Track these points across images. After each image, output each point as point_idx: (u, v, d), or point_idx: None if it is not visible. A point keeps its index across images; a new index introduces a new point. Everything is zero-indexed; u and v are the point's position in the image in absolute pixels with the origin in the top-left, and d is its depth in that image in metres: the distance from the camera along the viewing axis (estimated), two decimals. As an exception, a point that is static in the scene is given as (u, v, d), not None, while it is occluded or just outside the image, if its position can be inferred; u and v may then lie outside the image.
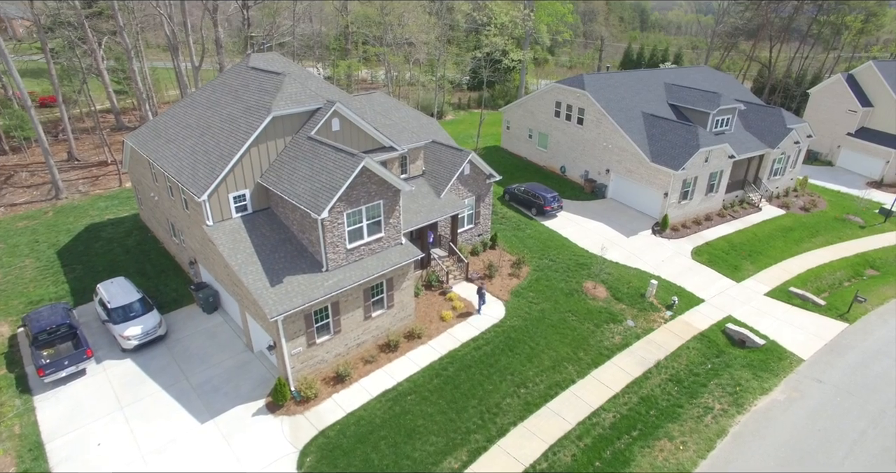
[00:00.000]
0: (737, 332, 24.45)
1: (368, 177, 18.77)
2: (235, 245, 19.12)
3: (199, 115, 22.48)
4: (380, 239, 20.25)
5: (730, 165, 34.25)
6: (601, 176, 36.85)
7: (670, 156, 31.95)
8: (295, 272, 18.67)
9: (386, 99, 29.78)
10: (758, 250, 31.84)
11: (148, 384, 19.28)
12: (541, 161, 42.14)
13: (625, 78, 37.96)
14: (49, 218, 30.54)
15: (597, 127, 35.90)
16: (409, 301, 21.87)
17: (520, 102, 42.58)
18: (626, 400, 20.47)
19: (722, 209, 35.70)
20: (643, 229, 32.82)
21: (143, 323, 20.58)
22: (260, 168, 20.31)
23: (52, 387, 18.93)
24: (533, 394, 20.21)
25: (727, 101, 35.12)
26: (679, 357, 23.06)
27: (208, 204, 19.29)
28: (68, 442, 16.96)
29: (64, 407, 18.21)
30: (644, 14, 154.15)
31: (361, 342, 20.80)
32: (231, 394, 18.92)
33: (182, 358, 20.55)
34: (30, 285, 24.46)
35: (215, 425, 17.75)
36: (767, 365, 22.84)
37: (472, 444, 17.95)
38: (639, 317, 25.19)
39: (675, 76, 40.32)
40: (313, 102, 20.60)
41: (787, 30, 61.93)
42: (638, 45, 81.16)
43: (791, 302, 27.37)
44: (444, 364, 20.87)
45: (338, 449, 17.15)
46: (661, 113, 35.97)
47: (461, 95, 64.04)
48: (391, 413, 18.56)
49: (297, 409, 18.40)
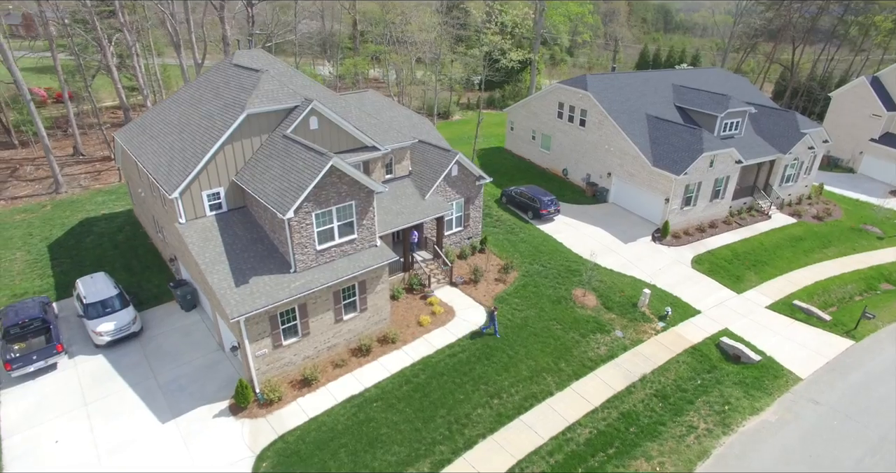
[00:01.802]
0: (731, 347, 23.28)
1: (339, 178, 18.32)
2: (205, 243, 18.89)
3: (182, 112, 22.38)
4: (352, 240, 19.79)
5: (737, 171, 32.85)
6: (603, 179, 35.79)
7: (672, 160, 30.77)
8: (263, 272, 18.34)
9: (378, 98, 29.40)
10: (763, 260, 30.42)
11: (116, 381, 19.20)
12: (543, 163, 41.21)
13: (630, 79, 36.80)
14: (47, 211, 30.99)
15: (599, 129, 34.87)
16: (383, 304, 21.36)
17: (523, 103, 41.74)
18: (604, 415, 19.58)
19: (728, 216, 34.27)
20: (643, 235, 31.69)
21: (117, 320, 20.53)
22: (235, 166, 20.06)
23: (20, 382, 18.97)
24: (506, 406, 19.48)
25: (736, 104, 33.72)
26: (667, 371, 22.03)
27: (180, 201, 19.10)
28: (26, 439, 16.91)
29: (28, 403, 18.21)
30: (668, 15, 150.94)
31: (332, 345, 20.37)
32: (196, 394, 18.69)
33: (154, 355, 20.43)
34: (17, 278, 24.74)
35: (176, 426, 17.53)
36: (761, 382, 21.64)
37: (436, 456, 17.33)
38: (628, 328, 24.20)
39: (684, 78, 38.98)
40: (290, 100, 20.25)
41: (812, 30, 59.57)
42: (655, 46, 79.31)
43: (794, 317, 26.01)
44: (415, 370, 20.29)
45: (295, 455, 16.73)
46: (668, 115, 34.74)
47: (471, 95, 63.41)
48: (355, 420, 18.07)
49: (259, 412, 18.06)
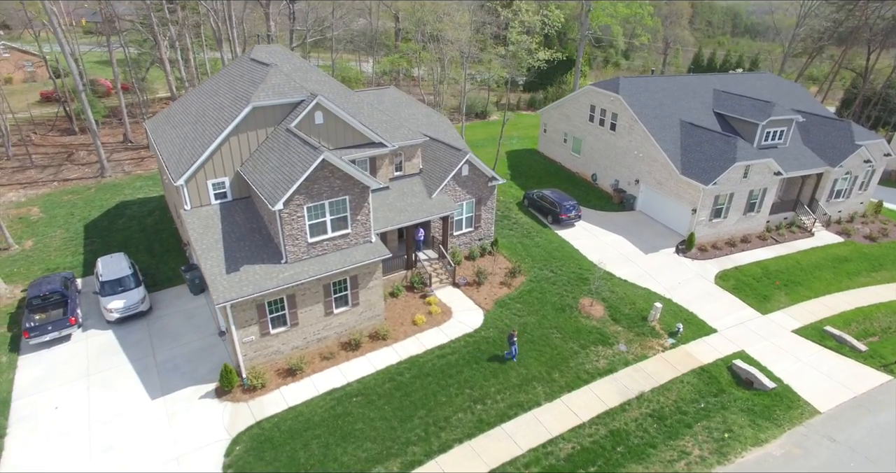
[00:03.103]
0: (744, 370, 21.72)
1: (331, 172, 18.50)
2: (205, 230, 19.61)
3: (201, 103, 23.34)
4: (346, 235, 19.95)
5: (776, 183, 30.63)
6: (631, 186, 34.37)
7: (702, 169, 29.09)
8: (255, 261, 18.82)
9: (398, 95, 29.54)
10: (797, 280, 28.21)
11: (119, 356, 20.29)
12: (574, 167, 40.09)
13: (667, 83, 35.11)
14: (90, 194, 33.23)
15: (629, 133, 33.50)
16: (377, 300, 21.42)
17: (557, 104, 40.76)
18: (591, 432, 18.76)
19: (765, 231, 32.04)
20: (666, 246, 30.17)
21: (127, 298, 21.69)
22: (240, 157, 20.69)
23: (37, 349, 20.42)
24: (489, 412, 19.04)
25: (781, 112, 31.43)
26: (668, 391, 20.84)
27: (186, 189, 19.93)
28: (31, 403, 18.18)
29: (40, 369, 19.58)
30: (737, 18, 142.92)
31: (323, 337, 20.64)
32: (188, 375, 19.44)
33: (157, 334, 21.44)
34: (53, 254, 26.66)
35: (164, 403, 18.30)
36: (771, 412, 20.06)
37: (407, 456, 17.18)
38: (634, 342, 23.09)
39: (727, 82, 36.77)
40: (296, 95, 20.66)
41: (892, 33, 54.51)
42: (710, 50, 75.39)
43: (823, 344, 23.96)
44: (401, 369, 20.21)
45: (268, 442, 17.06)
46: (704, 122, 32.88)
47: (512, 96, 62.62)
48: (332, 413, 18.21)
49: (242, 397, 18.55)
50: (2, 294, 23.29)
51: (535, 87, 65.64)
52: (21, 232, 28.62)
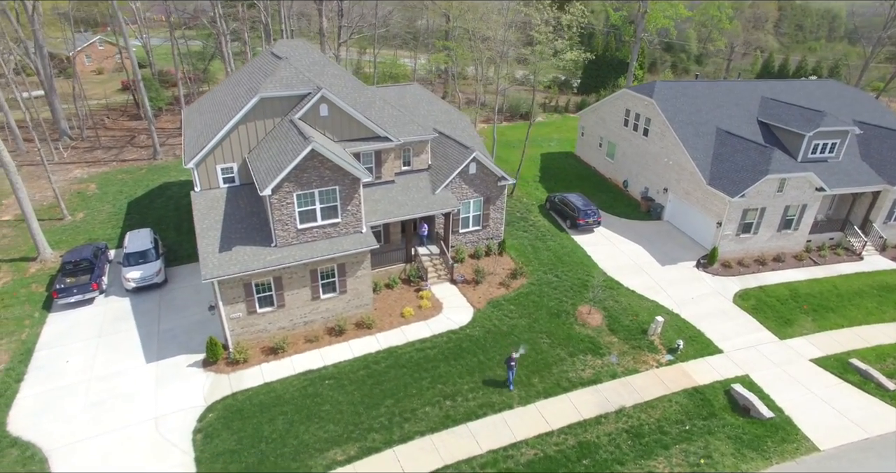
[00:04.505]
0: (743, 396, 20.28)
1: (321, 162, 19.22)
2: (208, 211, 20.99)
3: (224, 93, 24.93)
4: (336, 224, 20.63)
5: (818, 200, 28.17)
6: (660, 195, 32.85)
7: (731, 181, 27.32)
8: (247, 243, 19.93)
9: (420, 91, 29.99)
10: (830, 306, 25.86)
11: (129, 322, 22.17)
12: (607, 172, 38.84)
13: (708, 88, 33.18)
14: (141, 174, 36.30)
15: (661, 139, 32.03)
16: (365, 289, 21.97)
17: (594, 108, 39.64)
18: (559, 440, 18.30)
19: (803, 251, 29.55)
20: (686, 259, 28.62)
21: (143, 270, 23.63)
22: (248, 144, 21.93)
23: (64, 309, 22.73)
24: (458, 409, 19.05)
25: (832, 122, 28.85)
26: (653, 408, 19.88)
27: (196, 171, 21.42)
28: (49, 355, 20.32)
29: (63, 327, 21.81)
30: (835, 21, 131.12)
31: (309, 321, 21.47)
32: (183, 344, 20.93)
33: (166, 305, 23.20)
34: (97, 226, 29.46)
35: (156, 367, 19.84)
36: (761, 443, 18.63)
37: (366, 442, 17.59)
38: (627, 355, 22.20)
39: (780, 90, 34.18)
40: (302, 87, 21.59)
41: None
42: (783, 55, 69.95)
43: (844, 377, 21.86)
44: (378, 358, 20.65)
45: (238, 413, 18.06)
46: (744, 131, 30.80)
47: (564, 98, 61.41)
48: (303, 393, 18.96)
49: (225, 369, 19.73)
50: (47, 258, 26.08)
51: (589, 90, 63.98)
52: (77, 205, 31.82)
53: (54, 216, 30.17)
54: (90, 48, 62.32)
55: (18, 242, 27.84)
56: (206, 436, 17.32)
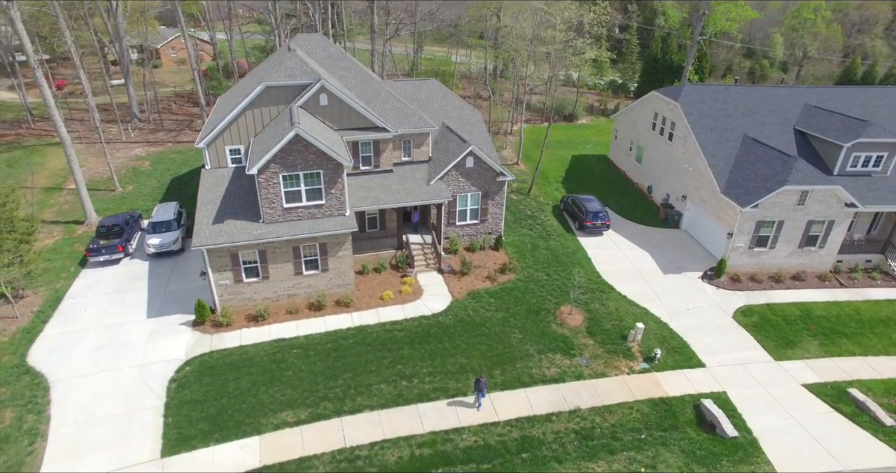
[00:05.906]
0: (710, 412, 19.41)
1: (305, 147, 20.62)
2: (213, 187, 23.10)
3: (246, 82, 27.13)
4: (320, 205, 21.99)
5: (848, 216, 25.94)
6: (679, 202, 31.55)
7: (745, 190, 25.85)
8: (239, 218, 21.77)
9: (436, 87, 30.89)
10: (845, 332, 23.85)
11: (142, 282, 24.85)
12: (635, 177, 37.72)
13: (741, 94, 31.35)
14: (190, 154, 39.92)
15: (683, 144, 30.77)
16: (346, 269, 23.19)
17: (626, 110, 38.63)
18: (503, 432, 18.53)
19: (830, 272, 27.28)
20: (692, 270, 27.41)
21: (163, 238, 26.31)
22: (255, 129, 23.84)
23: (94, 267, 25.87)
24: (412, 390, 19.77)
25: (875, 133, 26.43)
26: (611, 413, 19.54)
27: (207, 151, 23.64)
28: (73, 304, 23.32)
29: (90, 281, 24.87)
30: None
31: (292, 294, 23.02)
32: (181, 305, 23.19)
33: (177, 271, 25.72)
34: (139, 198, 32.97)
35: (154, 322, 22.20)
36: (715, 460, 17.82)
37: (318, 409, 18.76)
38: (599, 358, 21.87)
39: (830, 97, 31.59)
40: (305, 78, 23.14)
41: None
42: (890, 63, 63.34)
43: (836, 406, 20.24)
44: (347, 334, 21.79)
45: (210, 369, 19.89)
46: (777, 139, 28.88)
47: (614, 101, 59.75)
48: (271, 358, 20.48)
49: (210, 330, 21.71)
50: (92, 222, 29.65)
51: (645, 94, 61.71)
52: (129, 179, 35.70)
53: (108, 187, 34.08)
54: (175, 41, 68.70)
55: (76, 208, 31.77)
56: (180, 386, 19.27)
